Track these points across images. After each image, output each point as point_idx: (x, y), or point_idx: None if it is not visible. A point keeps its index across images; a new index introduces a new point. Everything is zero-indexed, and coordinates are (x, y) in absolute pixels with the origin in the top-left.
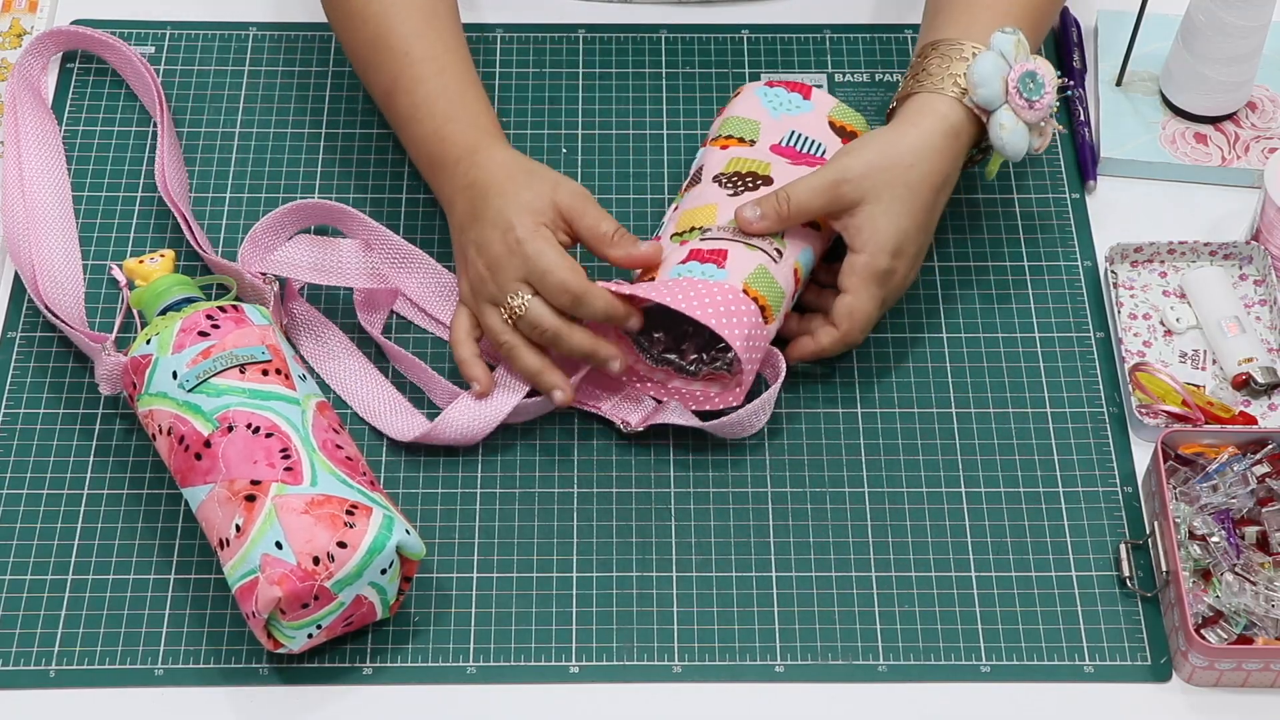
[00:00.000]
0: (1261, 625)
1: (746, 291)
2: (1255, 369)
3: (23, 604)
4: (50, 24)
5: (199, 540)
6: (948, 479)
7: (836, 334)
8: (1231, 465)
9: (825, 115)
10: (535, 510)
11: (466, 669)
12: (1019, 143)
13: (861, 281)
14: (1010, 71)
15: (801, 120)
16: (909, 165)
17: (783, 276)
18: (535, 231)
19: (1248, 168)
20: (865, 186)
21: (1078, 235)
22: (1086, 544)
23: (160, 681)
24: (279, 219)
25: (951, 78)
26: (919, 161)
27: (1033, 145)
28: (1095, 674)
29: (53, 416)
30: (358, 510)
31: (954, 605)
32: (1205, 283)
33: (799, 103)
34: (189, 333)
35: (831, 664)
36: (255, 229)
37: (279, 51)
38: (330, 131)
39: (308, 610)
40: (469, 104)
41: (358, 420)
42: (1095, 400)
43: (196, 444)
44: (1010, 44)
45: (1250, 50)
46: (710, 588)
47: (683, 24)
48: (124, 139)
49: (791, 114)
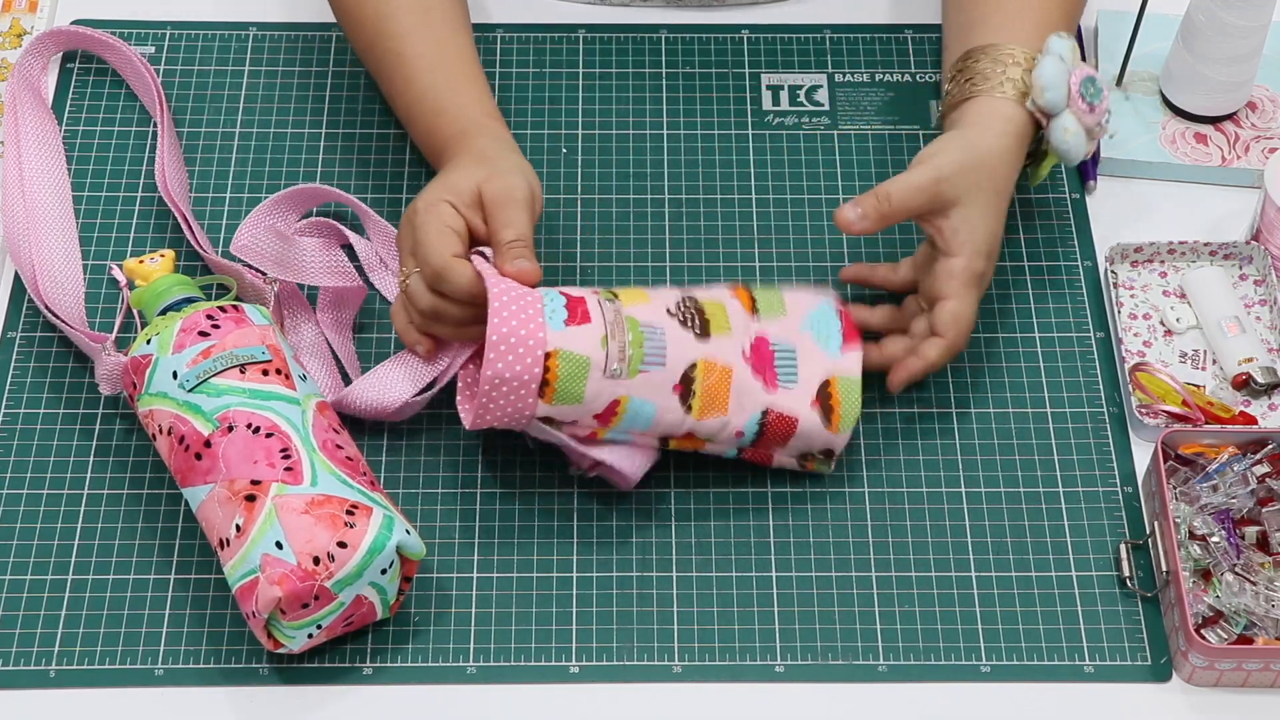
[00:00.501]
0: (1261, 625)
1: (549, 358)
2: (1255, 369)
3: (23, 604)
4: (50, 24)
5: (199, 540)
6: (948, 479)
7: (943, 343)
8: (1231, 465)
9: (831, 368)
10: (535, 510)
11: (466, 669)
12: (1080, 146)
13: (962, 285)
14: (1072, 75)
15: (813, 350)
16: (992, 167)
17: (607, 370)
18: (432, 206)
19: (1248, 168)
20: (961, 187)
21: (1078, 235)
22: (1086, 544)
23: (160, 681)
24: (280, 202)
25: (1011, 82)
26: (1000, 164)
27: (1086, 149)
28: (1095, 674)
29: (53, 416)
30: (358, 510)
31: (954, 605)
32: (1205, 283)
33: (833, 336)
34: (189, 333)
35: (831, 664)
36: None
37: (279, 51)
38: (330, 131)
39: (308, 610)
40: (457, 97)
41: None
42: (1095, 400)
43: (196, 444)
44: (1068, 49)
45: (1250, 50)
46: (710, 588)
47: (683, 24)
48: (124, 139)
49: (818, 341)
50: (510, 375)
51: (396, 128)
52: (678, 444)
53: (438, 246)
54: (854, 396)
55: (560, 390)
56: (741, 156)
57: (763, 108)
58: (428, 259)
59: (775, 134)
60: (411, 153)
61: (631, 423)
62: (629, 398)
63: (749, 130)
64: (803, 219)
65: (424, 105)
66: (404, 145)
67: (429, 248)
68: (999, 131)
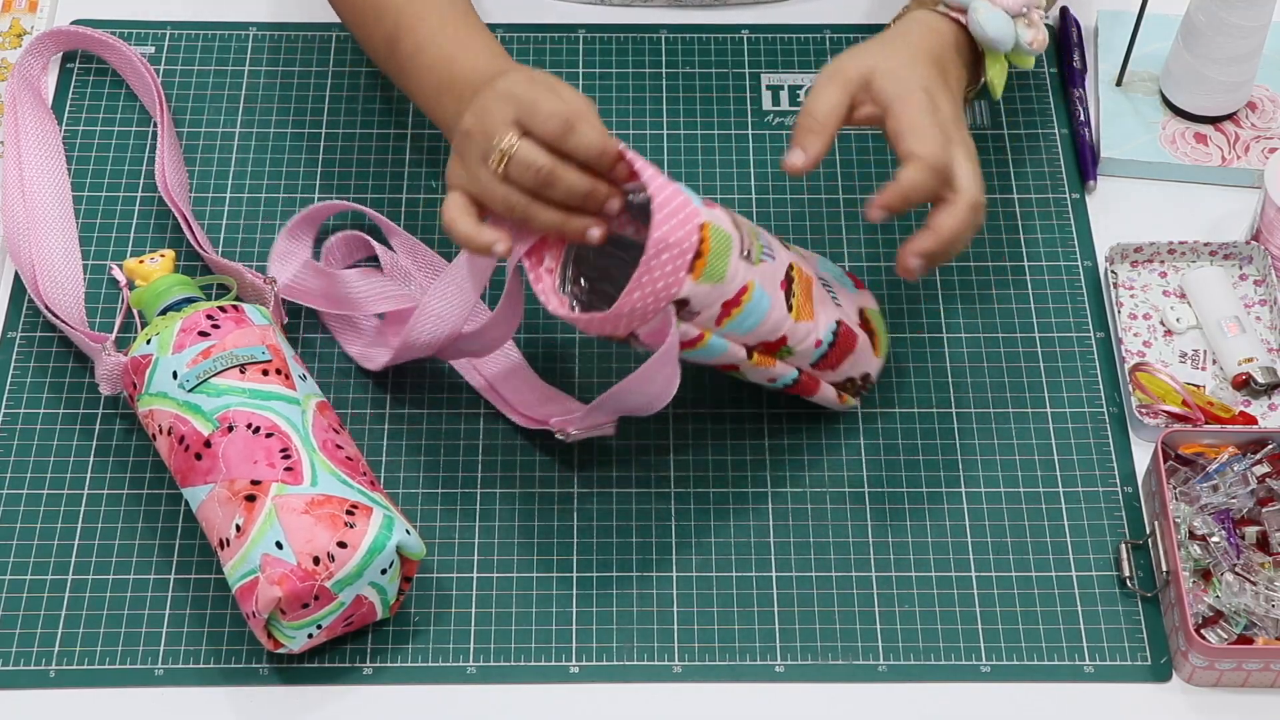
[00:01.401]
0: (1261, 625)
1: (703, 229)
2: (1255, 369)
3: (23, 604)
4: (50, 24)
5: (199, 540)
6: (948, 479)
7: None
8: (1231, 465)
9: (857, 300)
10: (535, 510)
11: (466, 669)
12: (1000, 27)
13: (913, 122)
14: None
15: (837, 286)
16: (891, 36)
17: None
18: (522, 71)
19: (1248, 168)
20: (864, 59)
21: (1078, 235)
22: (1086, 544)
23: (160, 681)
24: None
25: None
26: (901, 35)
27: (1023, 39)
28: (1095, 674)
29: (53, 416)
30: (358, 510)
31: (954, 605)
32: (1205, 283)
33: (845, 279)
34: (189, 333)
35: (831, 664)
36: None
37: (279, 51)
38: (330, 131)
39: (308, 610)
40: (477, 33)
41: (357, 406)
42: (1095, 400)
43: (196, 444)
44: None
45: (1250, 50)
46: (710, 588)
47: (683, 24)
48: (124, 139)
49: (837, 279)
50: (674, 240)
51: (397, 128)
52: (760, 359)
53: (564, 94)
54: (883, 325)
55: (710, 264)
56: (741, 156)
57: (763, 108)
58: (555, 111)
59: (775, 134)
60: (412, 153)
61: (748, 315)
62: (755, 284)
63: (749, 130)
64: (803, 219)
65: (443, 35)
66: (404, 145)
67: (552, 103)
68: (911, 29)
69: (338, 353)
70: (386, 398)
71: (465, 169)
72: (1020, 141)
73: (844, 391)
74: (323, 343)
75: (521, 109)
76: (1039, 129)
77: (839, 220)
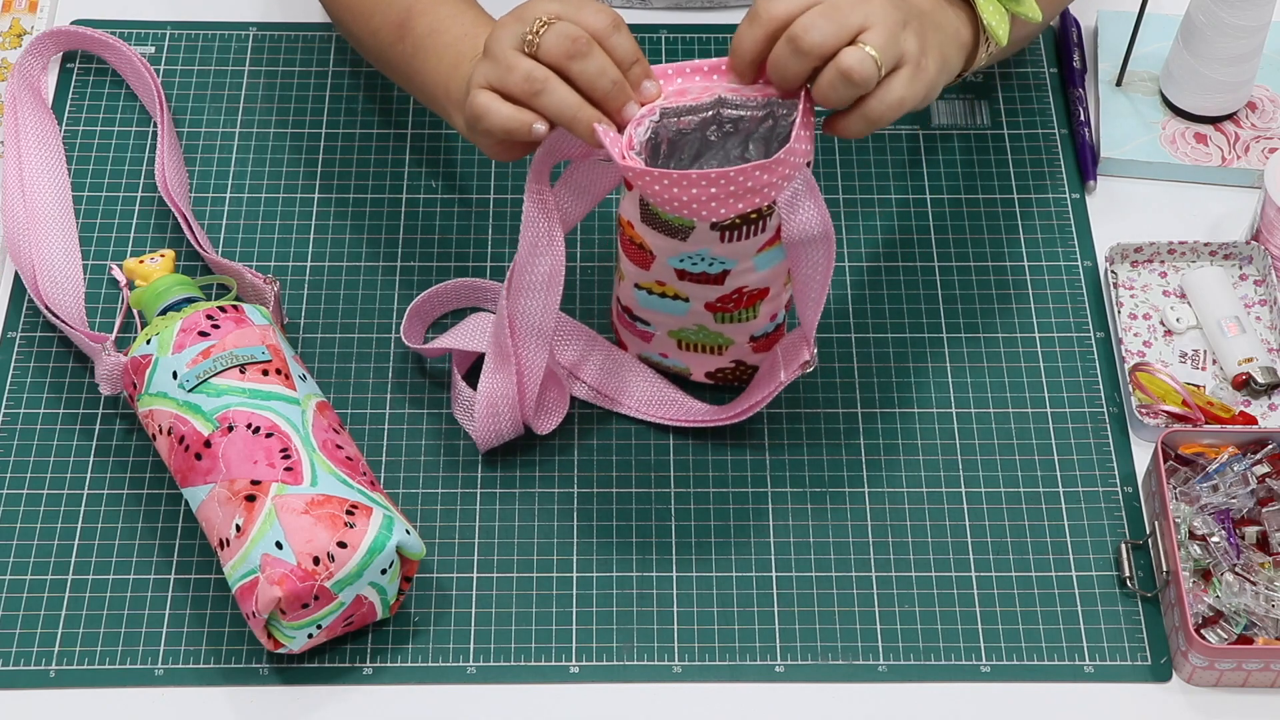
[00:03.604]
0: (1261, 625)
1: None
2: (1255, 369)
3: (23, 604)
4: (50, 24)
5: (199, 540)
6: (948, 479)
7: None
8: (1231, 465)
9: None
10: (535, 510)
11: (466, 669)
12: None
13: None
14: None
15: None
16: None
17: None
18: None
19: (1248, 168)
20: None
21: (1078, 235)
22: (1086, 544)
23: (160, 681)
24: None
25: None
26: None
27: None
28: (1095, 674)
29: (53, 416)
30: (358, 510)
31: (954, 605)
32: (1205, 283)
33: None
34: (189, 333)
35: (831, 664)
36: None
37: (279, 51)
38: (330, 131)
39: (308, 610)
40: (490, 17)
41: (361, 421)
42: (1095, 400)
43: (196, 444)
44: None
45: (1250, 50)
46: (710, 588)
47: (684, 24)
48: (124, 139)
49: None
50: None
51: (396, 128)
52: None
53: (603, 7)
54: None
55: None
56: None
57: None
58: (602, 8)
59: None
60: (411, 153)
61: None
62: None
63: None
64: None
65: (462, 17)
66: (404, 145)
67: (596, 4)
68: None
69: (338, 353)
70: (386, 398)
71: (490, 59)
72: (1020, 141)
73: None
74: (323, 343)
75: (567, 7)
76: (1039, 129)
77: (838, 220)
